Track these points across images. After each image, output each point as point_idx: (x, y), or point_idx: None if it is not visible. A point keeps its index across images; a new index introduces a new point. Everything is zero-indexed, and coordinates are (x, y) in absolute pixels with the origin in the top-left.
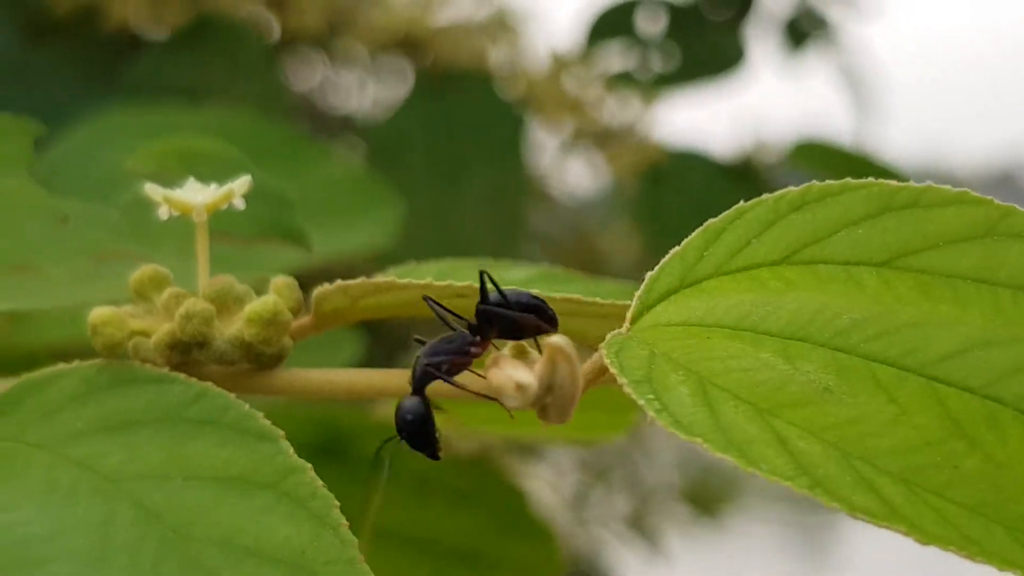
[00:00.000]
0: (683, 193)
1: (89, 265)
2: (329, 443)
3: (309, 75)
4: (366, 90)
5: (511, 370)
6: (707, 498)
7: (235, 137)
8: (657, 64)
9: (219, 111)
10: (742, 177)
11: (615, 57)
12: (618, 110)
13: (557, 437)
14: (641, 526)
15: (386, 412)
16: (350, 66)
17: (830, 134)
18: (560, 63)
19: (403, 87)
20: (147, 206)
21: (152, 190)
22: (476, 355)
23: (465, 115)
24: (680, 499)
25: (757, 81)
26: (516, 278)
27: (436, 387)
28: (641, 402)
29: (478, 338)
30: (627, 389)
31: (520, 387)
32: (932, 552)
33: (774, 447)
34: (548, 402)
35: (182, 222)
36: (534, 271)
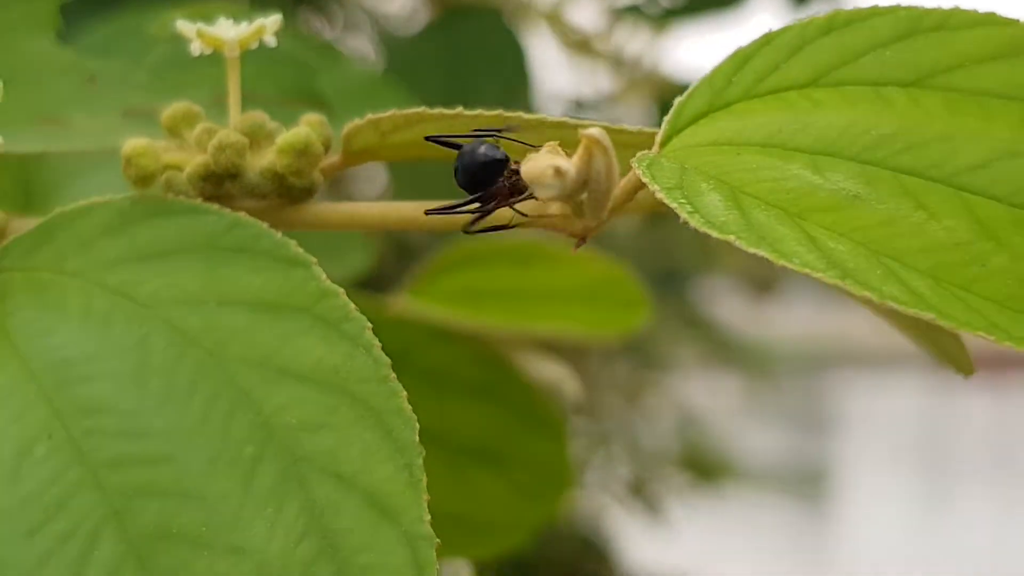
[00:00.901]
0: None
1: (117, 119)
2: None
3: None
4: (368, 56)
5: (549, 158)
6: (706, 466)
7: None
8: None
9: (241, 6)
10: None
11: None
12: (626, 43)
13: (572, 330)
14: (642, 492)
15: (403, 305)
16: (352, 31)
17: None
18: None
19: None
20: (174, 66)
21: (184, 26)
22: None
23: (475, 46)
24: (680, 466)
25: (763, 17)
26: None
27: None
28: (674, 206)
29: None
30: (659, 195)
31: (559, 172)
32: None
33: (805, 244)
34: (583, 197)
35: (210, 81)
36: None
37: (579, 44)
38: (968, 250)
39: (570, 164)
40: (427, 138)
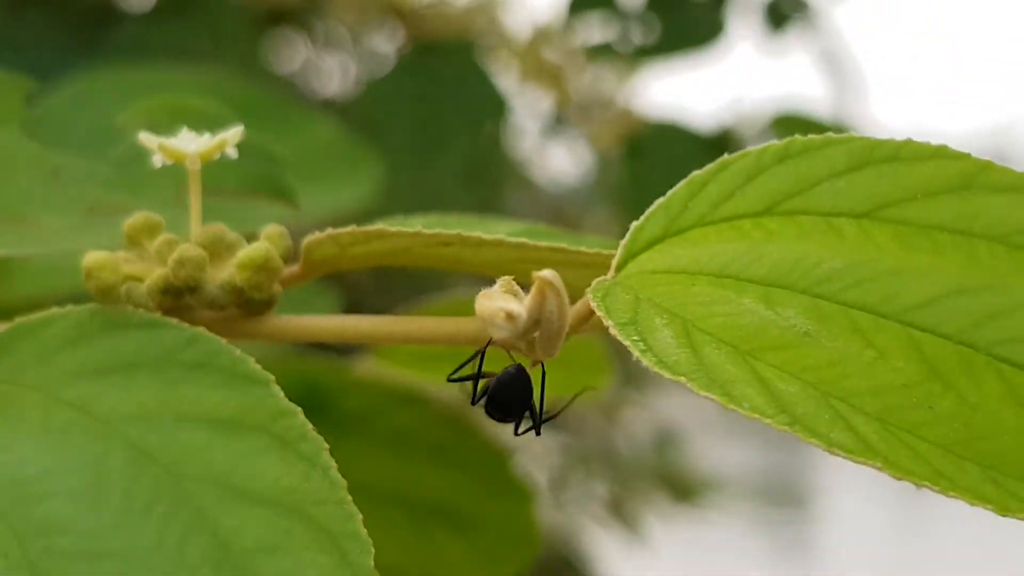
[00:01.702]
0: (664, 164)
1: (81, 216)
2: (310, 398)
3: (291, 57)
4: (348, 73)
5: (501, 300)
6: (685, 484)
7: (222, 97)
8: (637, 36)
9: (205, 72)
10: (722, 149)
11: (596, 28)
12: (599, 81)
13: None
14: (620, 511)
15: (367, 368)
16: (332, 48)
17: (809, 109)
18: (541, 34)
19: (385, 69)
20: (138, 160)
21: (146, 139)
22: None
23: (447, 84)
24: (659, 485)
25: (737, 57)
26: (502, 231)
27: (411, 331)
28: (627, 343)
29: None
30: (613, 331)
31: (510, 316)
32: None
33: (755, 387)
34: (536, 336)
35: (172, 175)
36: (519, 226)
37: (552, 80)
38: (916, 392)
39: (522, 308)
40: (448, 379)
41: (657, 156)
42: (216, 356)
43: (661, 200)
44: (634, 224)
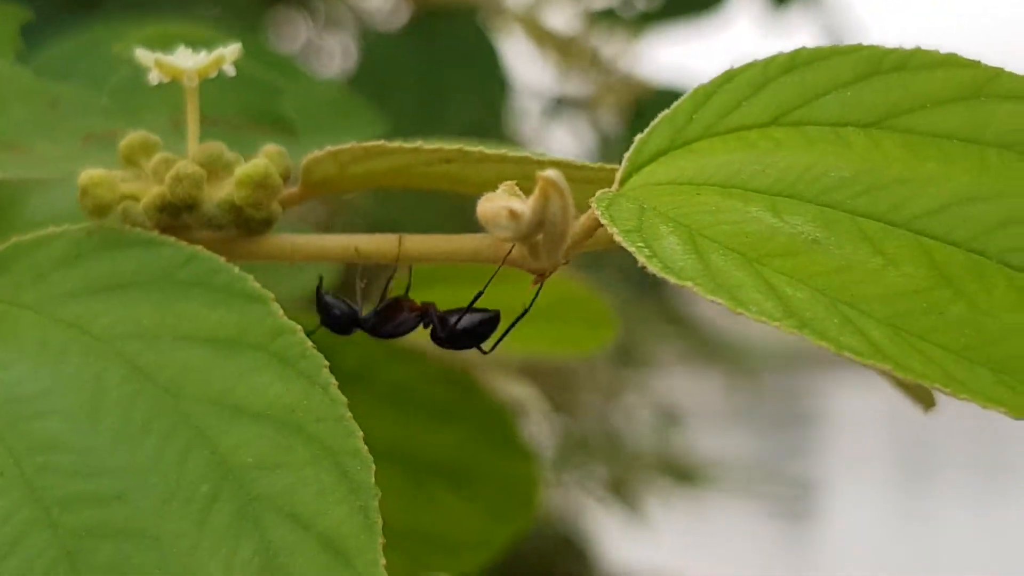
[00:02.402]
0: None
1: (77, 145)
2: None
3: (293, 37)
4: (349, 53)
5: (504, 199)
6: (685, 466)
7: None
8: (640, 2)
9: (207, 25)
10: None
11: None
12: (602, 47)
13: (539, 349)
14: (620, 491)
15: None
16: (333, 28)
17: None
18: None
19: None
20: (134, 89)
21: (143, 55)
22: None
23: (450, 49)
24: (659, 466)
25: (739, 26)
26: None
27: (432, 249)
28: (632, 249)
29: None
30: (617, 238)
31: (513, 214)
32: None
33: (763, 292)
34: (539, 239)
35: (170, 104)
36: (523, 153)
37: (555, 46)
38: (926, 298)
39: (525, 206)
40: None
41: None
42: (214, 274)
43: (666, 112)
44: (638, 137)
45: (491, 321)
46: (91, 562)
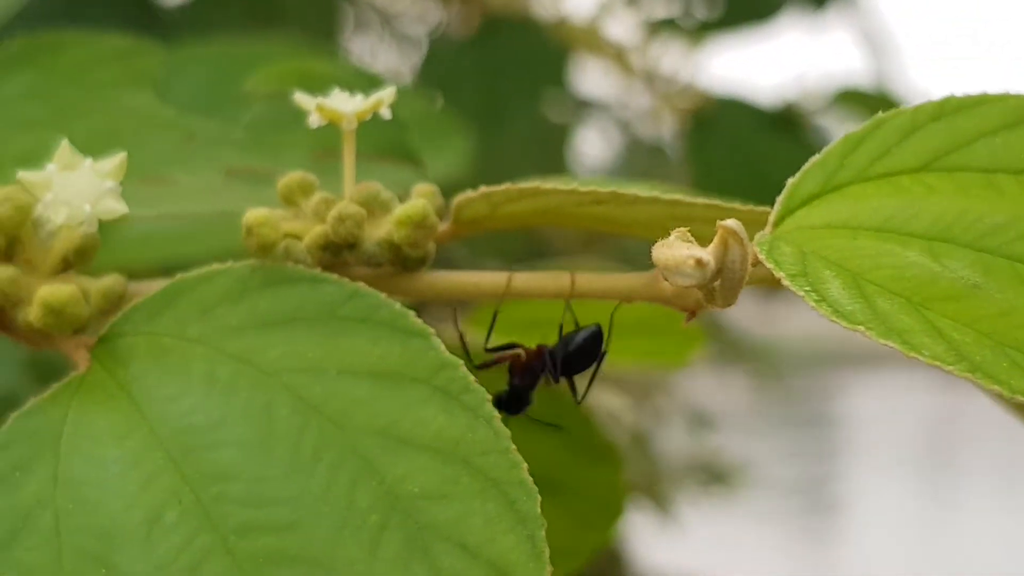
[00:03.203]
0: (729, 138)
1: (218, 179)
2: None
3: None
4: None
5: (687, 249)
6: (715, 466)
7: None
8: (700, 11)
9: (290, 46)
10: (787, 124)
11: (659, 4)
12: (662, 57)
13: (628, 361)
14: (652, 493)
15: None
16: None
17: (871, 84)
18: (605, 10)
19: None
20: (270, 125)
21: (302, 99)
22: None
23: (511, 59)
24: (689, 466)
25: (782, 34)
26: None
27: (587, 287)
28: (800, 294)
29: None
30: (785, 282)
31: (699, 263)
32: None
33: (931, 336)
34: (716, 284)
35: (308, 139)
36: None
37: (615, 57)
38: None
39: (710, 255)
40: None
41: (722, 131)
42: (376, 310)
43: (817, 157)
44: (790, 180)
45: (597, 335)
46: None
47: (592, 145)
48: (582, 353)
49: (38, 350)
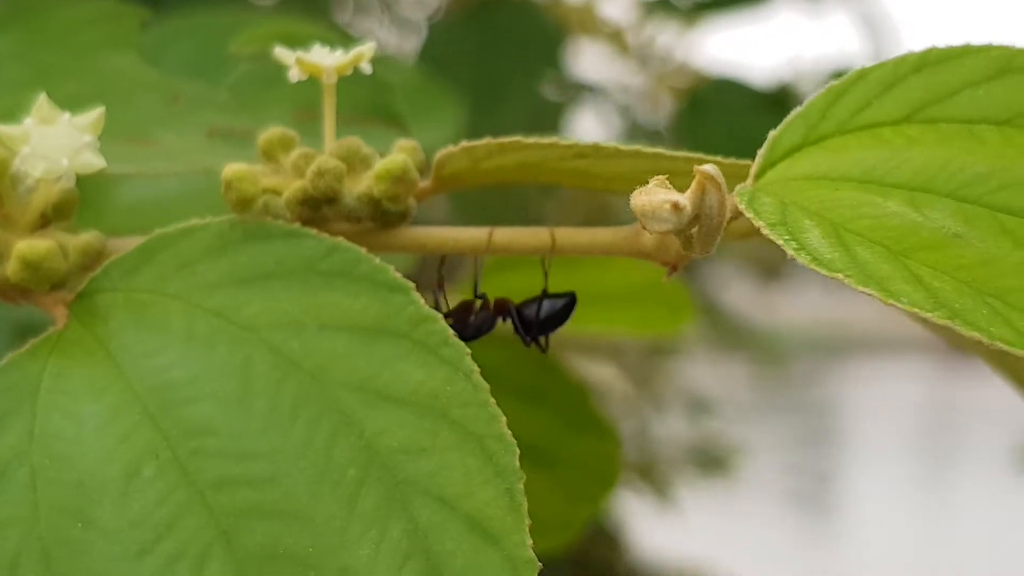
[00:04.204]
0: (723, 119)
1: (202, 139)
2: None
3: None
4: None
5: (664, 193)
6: (714, 452)
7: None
8: None
9: (279, 16)
10: (781, 105)
11: None
12: (656, 36)
13: (618, 332)
14: (651, 478)
15: None
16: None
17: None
18: None
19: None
20: (253, 86)
21: (282, 53)
22: None
23: (507, 39)
24: (688, 452)
25: (778, 17)
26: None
27: (568, 242)
28: (779, 242)
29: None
30: (765, 231)
31: (676, 207)
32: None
33: (911, 284)
34: (694, 231)
35: (291, 98)
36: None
37: (610, 37)
38: None
39: (687, 200)
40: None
41: (716, 111)
42: (356, 265)
43: (798, 109)
44: (772, 133)
45: (570, 304)
46: (246, 542)
47: (589, 129)
48: (552, 320)
49: (15, 306)
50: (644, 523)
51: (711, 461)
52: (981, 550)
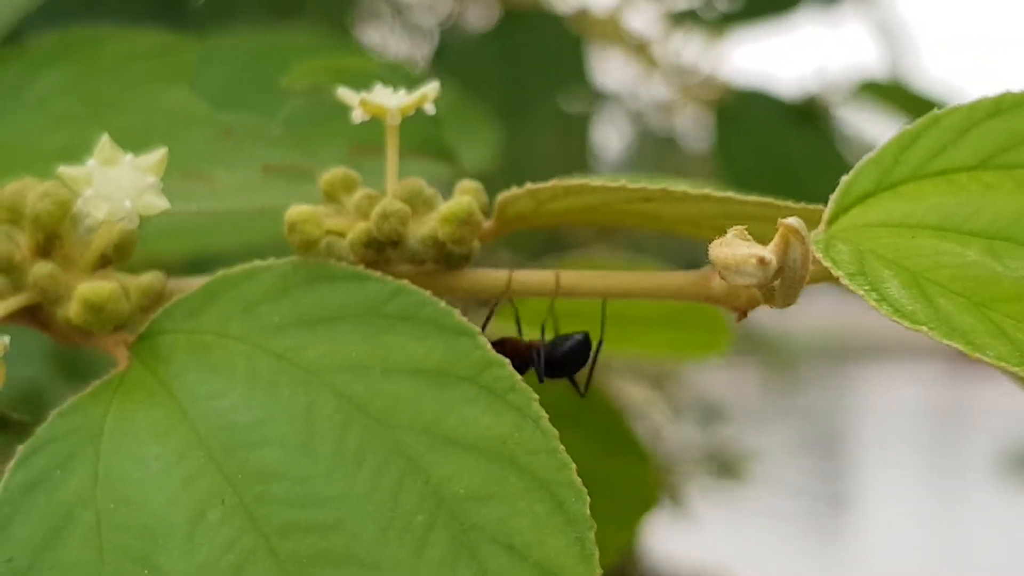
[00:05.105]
0: (752, 130)
1: (256, 175)
2: None
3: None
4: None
5: (747, 248)
6: (727, 457)
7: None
8: (722, 3)
9: (314, 36)
10: (809, 115)
11: None
12: (683, 48)
13: (655, 354)
14: (664, 484)
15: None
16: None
17: (893, 76)
18: (625, 1)
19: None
20: (306, 120)
21: (345, 94)
22: None
23: (531, 51)
24: (701, 458)
25: (798, 27)
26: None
27: (635, 286)
28: (860, 293)
29: None
30: (844, 281)
31: (762, 262)
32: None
33: (995, 336)
34: (776, 284)
35: (345, 135)
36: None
37: (637, 49)
38: None
39: (772, 254)
40: None
41: (745, 123)
42: (420, 308)
43: (871, 154)
44: (844, 178)
45: (586, 342)
46: None
47: (605, 137)
48: (570, 359)
49: (75, 348)
50: (658, 528)
51: (724, 466)
52: (990, 550)
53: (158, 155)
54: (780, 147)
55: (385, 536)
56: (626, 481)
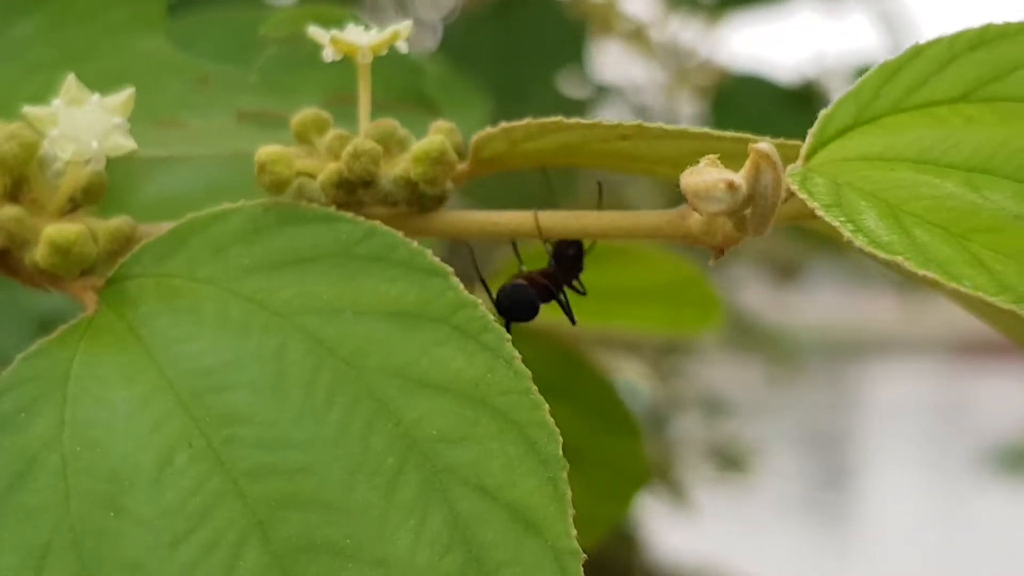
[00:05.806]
0: (749, 115)
1: (231, 122)
2: None
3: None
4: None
5: (717, 172)
6: (730, 452)
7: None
8: None
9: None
10: (806, 101)
11: None
12: (680, 32)
13: (647, 329)
14: (667, 478)
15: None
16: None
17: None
18: None
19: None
20: (283, 68)
21: (316, 32)
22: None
23: (529, 34)
24: (705, 452)
25: (799, 15)
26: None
27: (611, 225)
28: (835, 224)
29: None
30: (819, 212)
31: (731, 186)
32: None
33: (972, 266)
34: (747, 212)
35: (321, 82)
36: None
37: (633, 33)
38: None
39: (741, 179)
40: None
41: (742, 107)
42: (393, 249)
43: (850, 88)
44: (823, 112)
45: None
46: (281, 532)
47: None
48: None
49: (44, 291)
50: (661, 523)
51: (727, 461)
52: (992, 541)
53: (125, 95)
54: (776, 132)
55: (354, 479)
56: (618, 455)
